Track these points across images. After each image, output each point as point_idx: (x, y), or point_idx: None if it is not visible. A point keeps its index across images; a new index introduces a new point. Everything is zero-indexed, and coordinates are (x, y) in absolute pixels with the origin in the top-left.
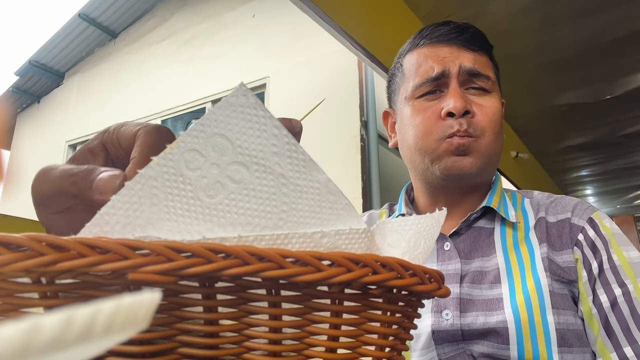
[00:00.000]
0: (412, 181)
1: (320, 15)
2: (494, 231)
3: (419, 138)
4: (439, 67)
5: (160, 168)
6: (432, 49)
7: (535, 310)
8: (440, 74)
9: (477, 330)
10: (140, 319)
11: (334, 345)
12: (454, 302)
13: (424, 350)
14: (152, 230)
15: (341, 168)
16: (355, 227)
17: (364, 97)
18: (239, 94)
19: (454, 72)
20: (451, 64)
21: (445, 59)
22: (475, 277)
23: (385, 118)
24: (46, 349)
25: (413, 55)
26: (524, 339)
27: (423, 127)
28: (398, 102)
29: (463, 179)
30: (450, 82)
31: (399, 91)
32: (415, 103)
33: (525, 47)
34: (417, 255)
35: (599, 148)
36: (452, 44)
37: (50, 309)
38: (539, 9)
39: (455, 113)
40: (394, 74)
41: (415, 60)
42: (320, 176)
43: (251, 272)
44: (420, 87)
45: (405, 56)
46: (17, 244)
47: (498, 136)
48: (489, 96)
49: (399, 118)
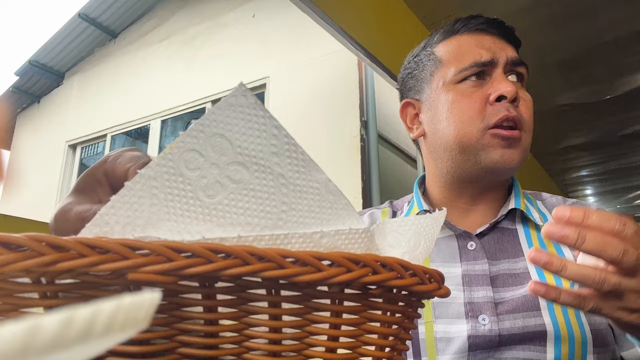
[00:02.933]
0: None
1: (320, 15)
2: (517, 232)
3: (464, 124)
4: (488, 53)
5: (160, 168)
6: (473, 37)
7: (571, 311)
8: (489, 61)
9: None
10: (140, 319)
11: (334, 345)
12: (489, 307)
13: (455, 355)
14: (152, 230)
15: (341, 168)
16: (355, 227)
17: (364, 97)
18: (239, 94)
19: (502, 61)
20: (499, 53)
21: (492, 47)
22: (506, 279)
23: (405, 109)
24: (46, 349)
25: (451, 42)
26: (561, 341)
27: (470, 112)
28: (431, 90)
29: (505, 173)
30: (495, 70)
31: (432, 79)
32: (458, 87)
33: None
34: (417, 255)
35: (599, 148)
36: (493, 34)
37: (50, 309)
38: (539, 9)
39: (508, 96)
40: (421, 63)
41: (456, 46)
42: (319, 176)
43: (251, 272)
44: (465, 70)
45: (438, 44)
46: (17, 244)
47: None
48: (524, 88)
49: (432, 106)
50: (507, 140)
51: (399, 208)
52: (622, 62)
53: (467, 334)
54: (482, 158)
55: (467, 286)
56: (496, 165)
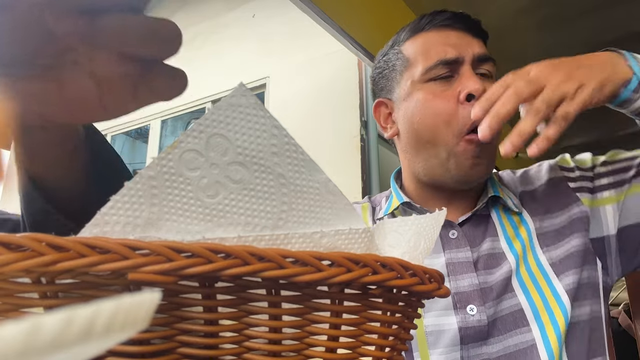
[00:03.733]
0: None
1: (320, 15)
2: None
3: (434, 127)
4: (454, 51)
5: (160, 168)
6: (439, 33)
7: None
8: (455, 59)
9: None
10: (140, 319)
11: (334, 345)
12: (477, 295)
13: (447, 349)
14: (152, 230)
15: (341, 168)
16: (355, 227)
17: (364, 97)
18: (239, 94)
19: (468, 58)
20: (465, 49)
21: (457, 44)
22: (487, 260)
23: (378, 109)
24: (46, 349)
25: (417, 40)
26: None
27: (442, 114)
28: (400, 90)
29: (474, 183)
30: (462, 67)
31: (401, 78)
32: (426, 87)
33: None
34: (417, 255)
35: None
36: (458, 30)
37: (50, 309)
38: (539, 9)
39: (475, 95)
40: (390, 62)
41: (423, 44)
42: (319, 176)
43: (251, 272)
44: (433, 69)
45: (405, 43)
46: (17, 244)
47: None
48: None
49: (403, 105)
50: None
51: (377, 204)
52: None
53: (457, 326)
54: (453, 167)
55: (453, 275)
56: (467, 177)
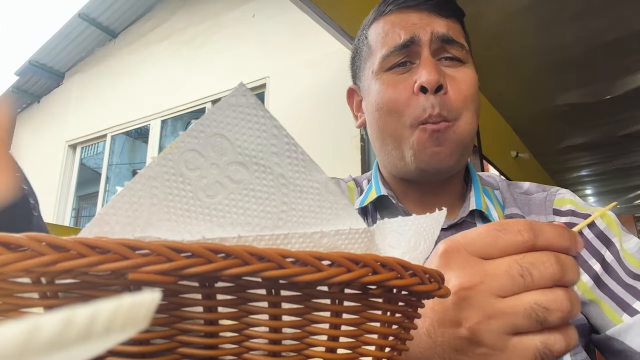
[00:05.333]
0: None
1: (320, 15)
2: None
3: (390, 120)
4: (407, 33)
5: (160, 168)
6: (399, 16)
7: None
8: (409, 40)
9: None
10: (140, 319)
11: (334, 345)
12: None
13: None
14: (152, 230)
15: (341, 168)
16: (355, 227)
17: None
18: (239, 94)
19: (426, 40)
20: (421, 30)
21: (415, 25)
22: None
23: (350, 96)
24: (46, 349)
25: (379, 25)
26: None
27: (393, 105)
28: (364, 78)
29: (442, 173)
30: (421, 51)
31: (365, 66)
32: (385, 77)
33: (525, 47)
34: (417, 255)
35: (599, 148)
36: (421, 9)
37: (50, 309)
38: (539, 9)
39: (428, 88)
40: (358, 48)
41: (382, 29)
42: (319, 176)
43: (251, 272)
44: (388, 57)
45: (370, 27)
46: (17, 244)
47: (474, 116)
48: (464, 67)
49: (366, 95)
50: (435, 135)
51: (360, 184)
52: (622, 62)
53: None
54: (413, 159)
55: None
56: (427, 167)
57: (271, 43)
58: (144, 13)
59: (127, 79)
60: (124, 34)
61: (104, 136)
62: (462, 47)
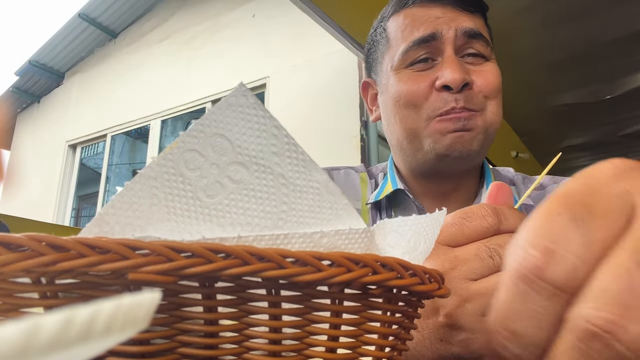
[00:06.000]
0: (397, 164)
1: (320, 15)
2: None
3: (407, 113)
4: (430, 28)
5: (160, 168)
6: (422, 9)
7: None
8: (430, 36)
9: None
10: (140, 319)
11: (334, 345)
12: None
13: None
14: (152, 230)
15: None
16: (355, 227)
17: None
18: (239, 94)
19: (449, 37)
20: (445, 25)
21: (439, 19)
22: None
23: (365, 89)
24: (46, 349)
25: (399, 17)
26: None
27: (411, 98)
28: (382, 73)
29: (463, 160)
30: (444, 48)
31: (383, 60)
32: (404, 73)
33: (525, 47)
34: (417, 255)
35: (599, 148)
36: (445, 3)
37: (50, 309)
38: (539, 8)
39: (453, 87)
40: (375, 41)
41: (402, 22)
42: (319, 176)
43: (251, 272)
44: (408, 52)
45: (389, 19)
46: (17, 244)
47: (500, 108)
48: (488, 63)
49: (383, 91)
50: (459, 123)
51: (374, 176)
52: (622, 62)
53: None
54: (433, 146)
55: None
56: (450, 152)
57: (271, 43)
58: (144, 13)
59: (127, 79)
60: (124, 34)
61: (104, 136)
62: (487, 42)
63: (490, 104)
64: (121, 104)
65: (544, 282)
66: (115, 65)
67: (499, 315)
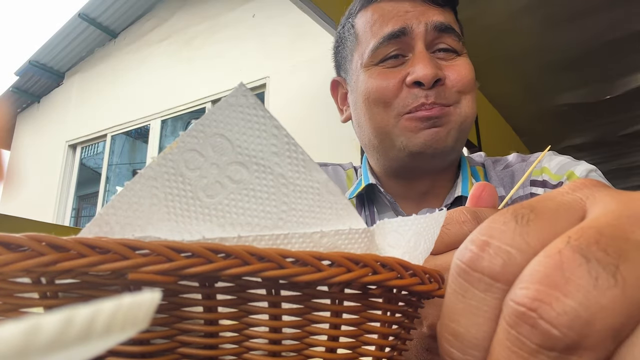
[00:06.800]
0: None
1: (320, 15)
2: None
3: (376, 111)
4: (399, 22)
5: (160, 168)
6: (390, 3)
7: None
8: (400, 31)
9: None
10: (140, 319)
11: (334, 345)
12: None
13: None
14: (152, 230)
15: None
16: (355, 227)
17: None
18: (239, 94)
19: (420, 31)
20: (415, 20)
21: (408, 13)
22: None
23: (334, 88)
24: (46, 349)
25: (367, 13)
26: None
27: (380, 95)
28: (351, 70)
29: (438, 157)
30: (415, 43)
31: (352, 57)
32: (374, 70)
33: (525, 47)
34: (417, 255)
35: (599, 148)
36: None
37: (50, 309)
38: (539, 9)
39: (425, 83)
40: (344, 38)
41: (370, 17)
42: (319, 176)
43: (251, 272)
44: (378, 49)
45: (357, 15)
46: (17, 244)
47: (473, 101)
48: (460, 58)
49: (353, 89)
50: (429, 121)
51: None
52: (622, 62)
53: None
54: (406, 144)
55: None
56: (424, 149)
57: (271, 43)
58: (144, 13)
59: (127, 79)
60: (124, 34)
61: (104, 136)
62: (458, 37)
63: (464, 99)
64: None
65: (479, 272)
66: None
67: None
